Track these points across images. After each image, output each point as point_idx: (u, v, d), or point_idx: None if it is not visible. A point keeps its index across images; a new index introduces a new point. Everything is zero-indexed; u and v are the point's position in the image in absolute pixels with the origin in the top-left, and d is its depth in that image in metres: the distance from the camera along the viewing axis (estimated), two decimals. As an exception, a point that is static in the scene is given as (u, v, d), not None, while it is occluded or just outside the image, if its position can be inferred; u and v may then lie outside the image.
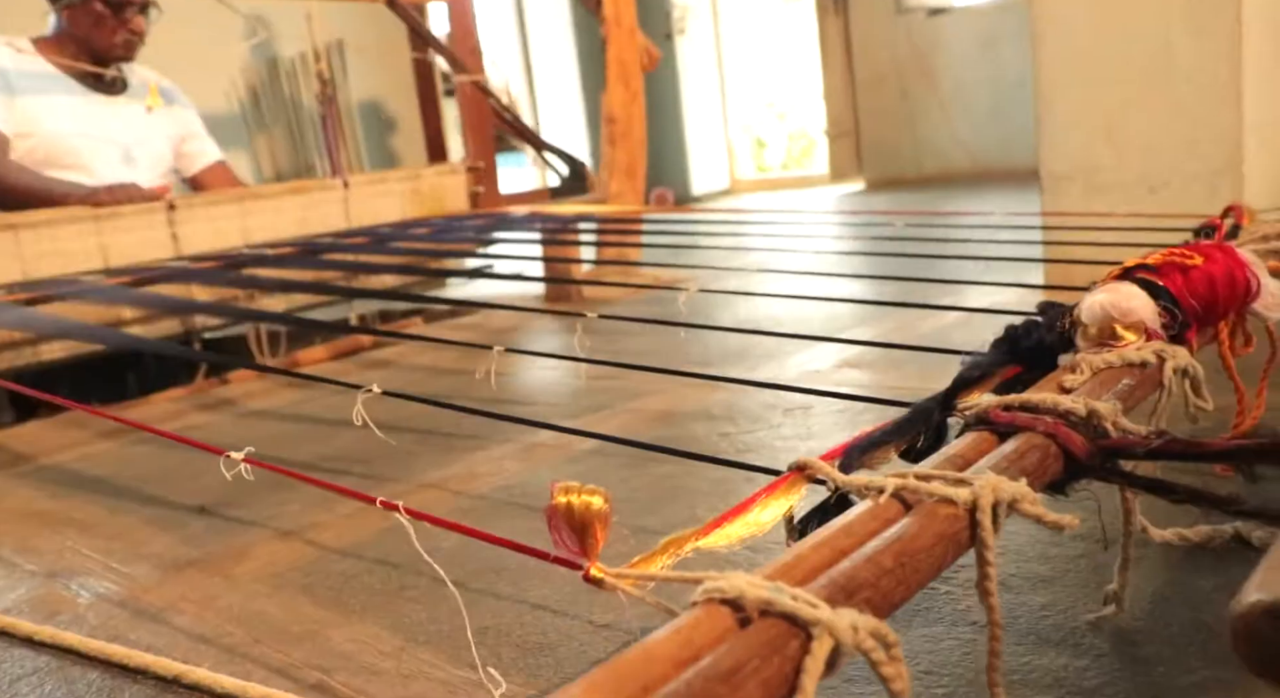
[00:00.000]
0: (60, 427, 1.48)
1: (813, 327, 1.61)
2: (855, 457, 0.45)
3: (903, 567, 0.31)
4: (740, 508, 0.40)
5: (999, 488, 0.35)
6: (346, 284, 1.87)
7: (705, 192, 5.90)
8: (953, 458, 0.41)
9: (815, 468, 0.41)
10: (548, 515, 0.37)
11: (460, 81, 2.23)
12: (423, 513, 0.52)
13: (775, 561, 0.31)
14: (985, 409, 0.45)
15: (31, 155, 1.91)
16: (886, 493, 0.35)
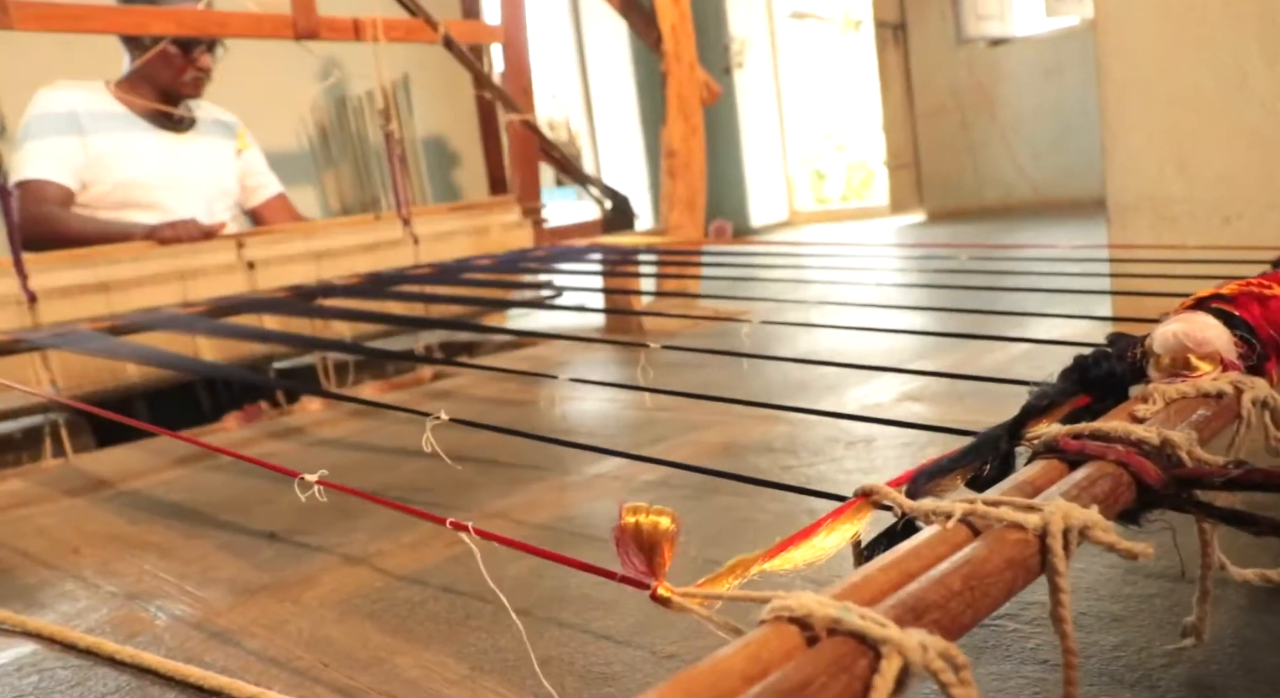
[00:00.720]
0: (137, 453, 1.53)
1: (874, 360, 1.60)
2: (922, 483, 0.45)
3: (971, 590, 0.31)
4: (806, 532, 0.40)
5: (1070, 514, 0.35)
6: (410, 315, 1.90)
7: (764, 223, 5.91)
8: (1021, 485, 0.41)
9: (881, 494, 0.41)
10: (615, 535, 0.38)
11: (511, 120, 2.27)
12: (491, 533, 0.53)
13: (843, 582, 0.31)
14: (1054, 437, 0.45)
15: (108, 197, 1.98)
16: (954, 518, 0.35)
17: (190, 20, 1.81)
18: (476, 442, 1.30)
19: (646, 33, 2.29)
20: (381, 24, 1.98)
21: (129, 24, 1.79)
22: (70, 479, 1.39)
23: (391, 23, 2.02)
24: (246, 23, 1.94)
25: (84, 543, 1.06)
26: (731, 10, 5.66)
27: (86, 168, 1.97)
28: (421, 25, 2.07)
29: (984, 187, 4.90)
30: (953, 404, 1.29)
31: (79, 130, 1.96)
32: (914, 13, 5.00)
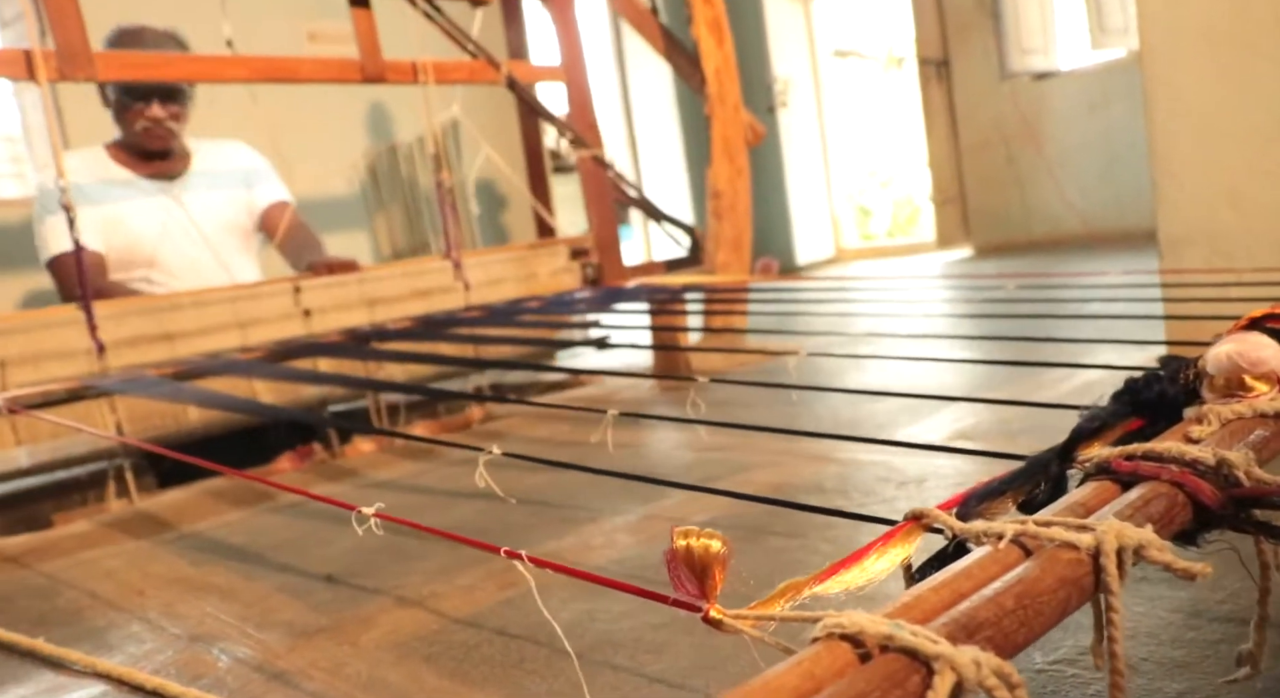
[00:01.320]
0: (198, 495, 1.56)
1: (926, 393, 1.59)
2: (973, 505, 0.45)
3: (1025, 609, 0.31)
4: (857, 556, 0.40)
5: (1123, 533, 0.34)
6: (460, 357, 1.93)
7: (810, 261, 5.90)
8: (1073, 506, 0.41)
9: (932, 516, 0.41)
10: (667, 559, 0.38)
11: (581, 156, 2.30)
12: (544, 561, 0.53)
13: (895, 601, 0.31)
14: (1106, 459, 0.45)
15: (116, 259, 2.05)
16: (1006, 538, 0.35)
17: (260, 66, 1.86)
18: (528, 484, 1.31)
19: (691, 76, 2.33)
20: (444, 67, 2.03)
21: (202, 72, 1.85)
22: (134, 522, 1.42)
23: (453, 65, 2.07)
24: (316, 67, 1.99)
25: (149, 585, 1.09)
26: (774, 51, 5.72)
27: (101, 232, 2.04)
28: (484, 66, 2.11)
29: (1031, 221, 4.86)
30: (1006, 442, 1.28)
31: (86, 200, 2.02)
32: (957, 49, 5.01)
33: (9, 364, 1.50)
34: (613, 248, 2.27)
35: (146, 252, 2.09)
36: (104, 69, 1.65)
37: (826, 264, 5.93)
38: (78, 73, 1.60)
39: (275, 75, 1.90)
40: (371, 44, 1.95)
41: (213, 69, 1.83)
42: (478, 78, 2.12)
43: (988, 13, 4.83)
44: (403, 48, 2.08)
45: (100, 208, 2.06)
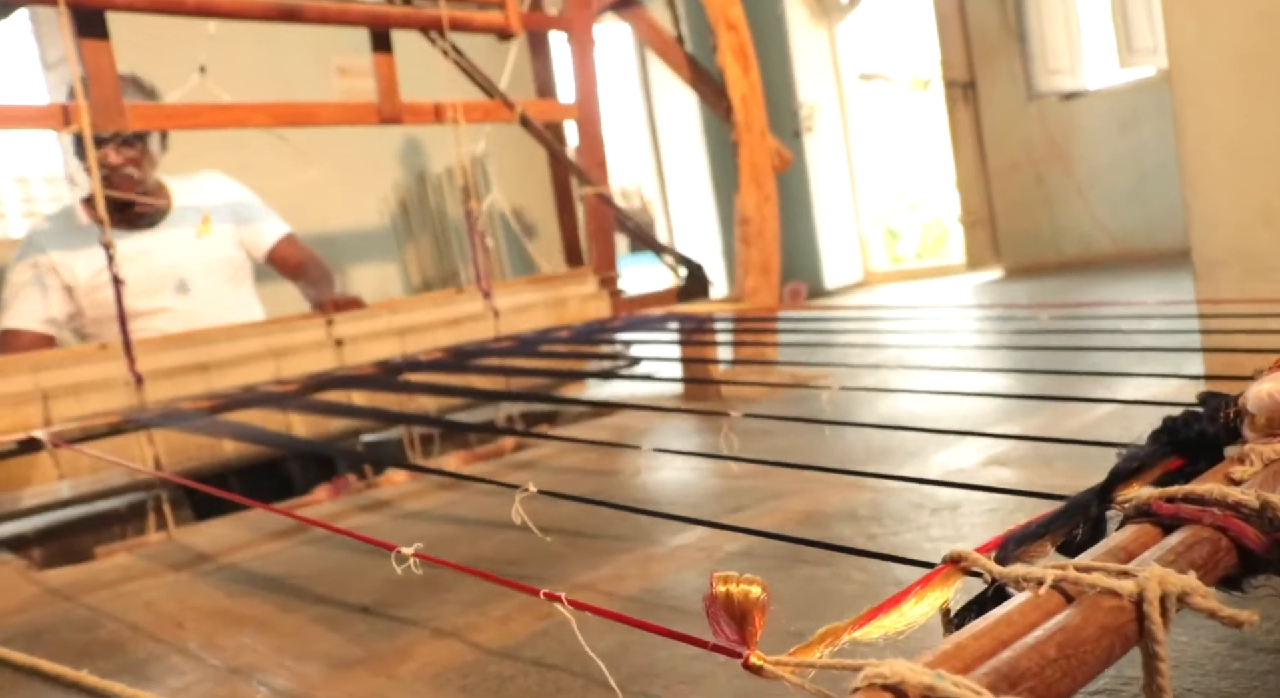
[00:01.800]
0: (234, 527, 1.58)
1: (957, 423, 1.58)
2: (1011, 549, 0.45)
3: (1067, 658, 0.31)
4: (895, 600, 0.41)
5: (1166, 580, 0.34)
6: (491, 388, 1.94)
7: (838, 284, 5.89)
8: (1114, 550, 0.41)
9: (970, 560, 0.41)
10: (706, 604, 0.38)
11: (587, 193, 2.33)
12: (584, 604, 0.54)
13: (935, 649, 0.31)
14: (1146, 501, 0.44)
15: (103, 313, 2.05)
16: (1046, 584, 0.35)
17: (281, 111, 1.91)
18: (561, 513, 1.31)
19: (717, 104, 2.34)
20: (461, 107, 2.06)
21: (226, 119, 1.90)
22: (173, 553, 1.44)
23: (471, 105, 2.10)
24: (335, 111, 2.04)
25: (188, 617, 1.10)
26: (799, 76, 5.74)
27: (72, 301, 2.06)
28: (499, 106, 2.15)
29: (1061, 241, 4.83)
30: (1040, 469, 1.27)
31: (64, 263, 2.05)
32: (983, 71, 5.01)
33: (51, 398, 1.53)
34: (611, 282, 2.30)
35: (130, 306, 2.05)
36: (134, 119, 1.69)
37: (855, 287, 5.92)
38: (109, 124, 1.65)
39: (296, 120, 1.94)
40: (390, 86, 1.98)
41: (236, 116, 1.87)
42: (493, 117, 2.15)
43: (1013, 35, 4.83)
44: (427, 83, 2.11)
45: (74, 270, 2.06)
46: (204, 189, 2.28)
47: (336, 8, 1.91)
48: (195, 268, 2.18)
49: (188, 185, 2.26)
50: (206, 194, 2.27)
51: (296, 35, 3.69)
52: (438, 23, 2.00)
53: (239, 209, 2.29)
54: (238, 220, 2.27)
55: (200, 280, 2.18)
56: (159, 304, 2.13)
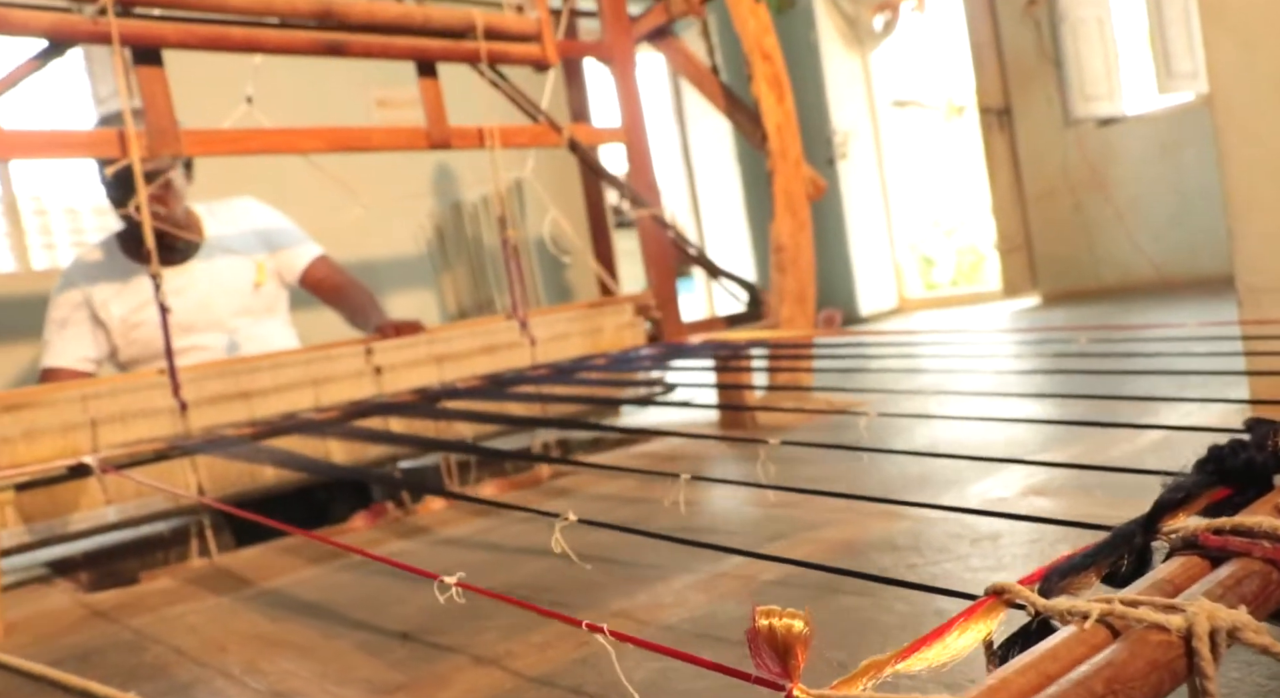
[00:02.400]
0: (274, 553, 1.60)
1: (995, 451, 1.57)
2: (1055, 581, 0.44)
3: (1115, 694, 0.31)
4: (938, 632, 0.40)
5: (1216, 615, 0.34)
6: (528, 415, 1.95)
7: (873, 311, 5.86)
8: (1160, 584, 0.40)
9: (1014, 592, 0.41)
10: (749, 638, 0.38)
11: (640, 216, 2.34)
12: (626, 635, 0.54)
13: (980, 684, 0.31)
14: (1193, 532, 0.44)
15: (144, 349, 2.08)
16: (1092, 618, 0.35)
17: (334, 137, 1.94)
18: (598, 540, 1.31)
19: (752, 132, 2.36)
20: (507, 131, 2.09)
21: (278, 144, 1.94)
22: (215, 578, 1.46)
23: (518, 129, 2.13)
24: (386, 136, 2.07)
25: (231, 641, 1.11)
26: (833, 104, 5.75)
27: (112, 336, 2.09)
28: (546, 130, 2.17)
29: (1101, 267, 4.78)
30: (1081, 497, 1.25)
31: (103, 299, 2.08)
32: (1019, 96, 4.99)
33: (100, 425, 1.56)
34: (671, 305, 2.30)
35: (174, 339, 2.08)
36: (189, 145, 1.73)
37: (890, 314, 5.89)
38: (165, 149, 1.69)
39: (348, 145, 1.97)
40: (438, 111, 2.02)
41: (289, 141, 1.91)
42: (541, 141, 2.18)
43: (1049, 60, 4.81)
44: (469, 110, 2.14)
45: (112, 307, 2.09)
46: (236, 215, 2.29)
47: (380, 42, 1.95)
48: (229, 302, 2.19)
49: (220, 212, 2.27)
50: (238, 221, 2.28)
51: (337, 69, 3.76)
52: (476, 55, 2.03)
53: (270, 236, 2.29)
54: (270, 247, 2.28)
55: (234, 314, 2.20)
56: (193, 341, 2.14)
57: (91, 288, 2.10)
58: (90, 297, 2.10)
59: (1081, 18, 4.74)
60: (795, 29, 5.65)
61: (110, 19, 1.59)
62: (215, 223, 2.24)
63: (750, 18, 2.26)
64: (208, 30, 1.75)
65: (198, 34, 1.74)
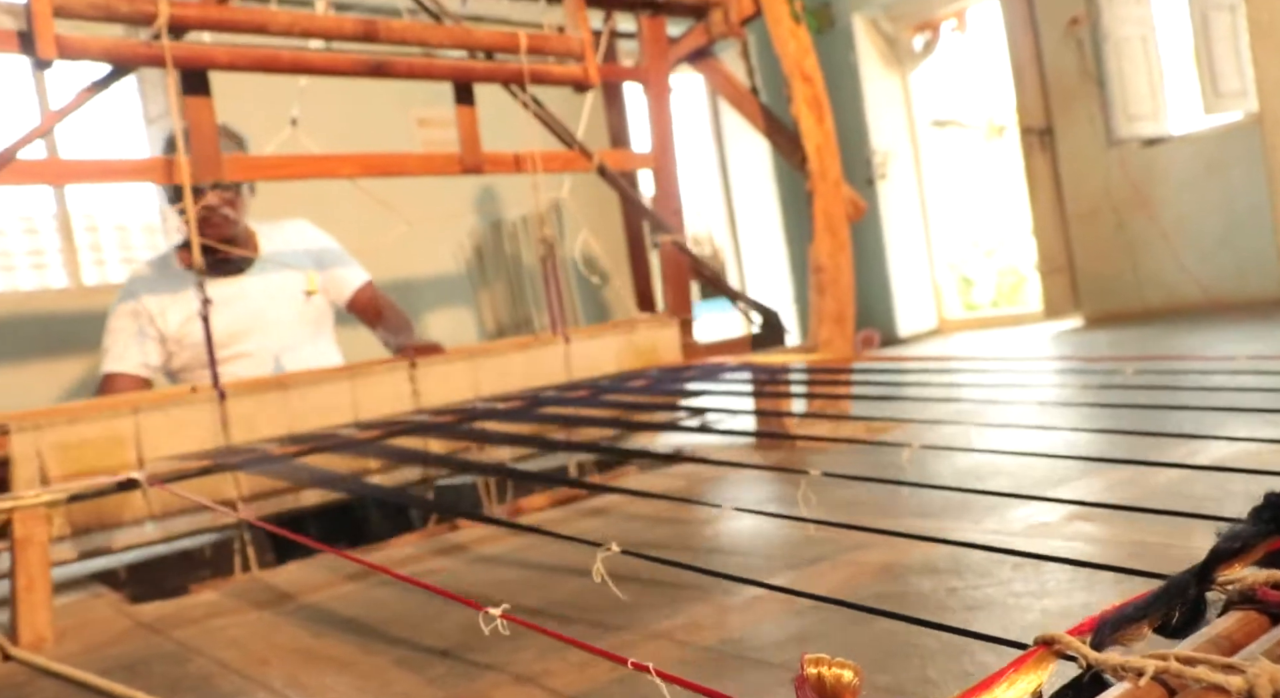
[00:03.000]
0: (313, 568, 1.61)
1: (1037, 477, 1.55)
2: (1107, 632, 0.43)
3: (1171, 746, 0.30)
4: (987, 683, 0.40)
5: (1278, 677, 0.33)
6: (566, 436, 1.96)
7: (912, 332, 5.82)
8: (1217, 640, 0.39)
9: (1064, 643, 0.40)
10: (796, 686, 0.38)
11: (662, 241, 2.35)
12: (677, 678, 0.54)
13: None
14: (1251, 587, 0.43)
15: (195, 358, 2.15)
16: (1147, 675, 0.34)
17: (369, 162, 1.98)
18: (634, 563, 1.31)
19: (791, 153, 2.36)
20: (541, 157, 2.11)
21: (317, 169, 1.98)
22: (256, 592, 1.48)
23: (549, 155, 2.15)
24: (420, 162, 2.11)
25: (273, 655, 1.13)
26: (873, 124, 5.74)
27: (166, 345, 2.15)
28: (577, 156, 2.19)
29: (1145, 289, 4.71)
30: (1125, 525, 1.23)
31: (159, 309, 2.14)
32: (1060, 116, 4.95)
33: (145, 440, 1.59)
34: (686, 328, 2.31)
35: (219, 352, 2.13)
36: (230, 171, 1.77)
37: (929, 335, 5.84)
38: (208, 175, 1.73)
39: (383, 170, 2.01)
40: (472, 137, 2.04)
41: (326, 166, 1.95)
42: (572, 167, 2.20)
43: (1092, 80, 4.77)
44: (506, 132, 2.17)
45: (167, 316, 2.16)
46: (290, 236, 2.37)
47: (423, 63, 1.98)
48: (279, 315, 2.25)
49: (275, 232, 2.35)
50: (292, 241, 2.36)
51: (378, 89, 3.82)
52: (519, 76, 2.06)
53: (322, 256, 2.37)
54: (320, 267, 2.35)
55: (284, 327, 2.25)
56: (242, 349, 2.21)
57: (150, 297, 2.18)
58: (148, 306, 2.17)
59: (1125, 36, 4.69)
60: (834, 49, 5.65)
61: (164, 42, 1.63)
62: (270, 240, 2.33)
63: (790, 39, 2.27)
64: (256, 52, 1.79)
65: (247, 56, 1.78)
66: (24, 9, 1.50)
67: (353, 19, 1.85)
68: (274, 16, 1.75)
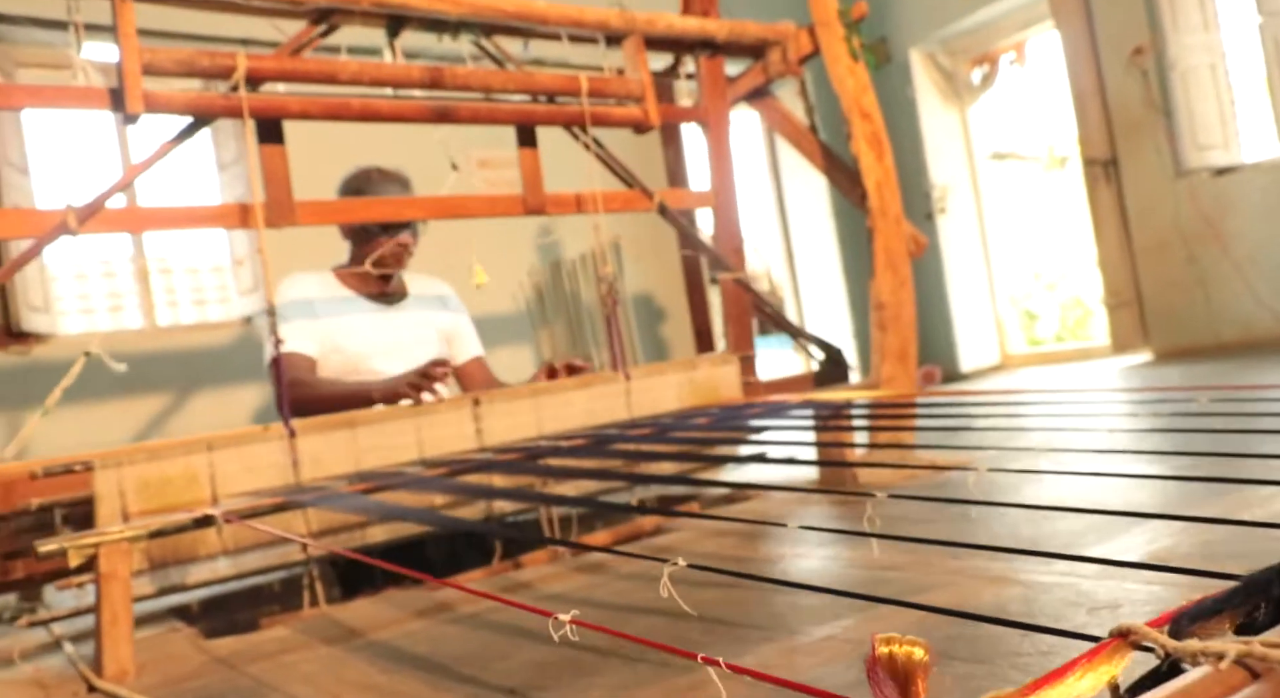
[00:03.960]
0: (381, 604, 1.63)
1: (1112, 511, 1.51)
2: (1185, 624, 0.42)
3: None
4: (1060, 673, 0.39)
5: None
6: (630, 471, 1.96)
7: (974, 368, 5.73)
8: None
9: (1141, 634, 0.39)
10: (868, 667, 0.38)
11: (723, 279, 2.36)
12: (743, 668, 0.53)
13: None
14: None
15: (337, 368, 2.27)
16: (1228, 659, 0.34)
17: (435, 205, 2.03)
18: (700, 599, 1.31)
19: (851, 190, 2.36)
20: (602, 197, 2.14)
21: (384, 212, 2.03)
22: (325, 628, 1.50)
23: (610, 195, 2.18)
24: (484, 204, 2.15)
25: (344, 691, 1.14)
26: (931, 158, 5.71)
27: (321, 343, 2.26)
28: (638, 195, 2.22)
29: (1218, 323, 4.58)
30: (1207, 565, 1.19)
31: (314, 314, 2.27)
32: (1125, 147, 4.87)
33: (221, 478, 1.63)
34: (749, 365, 2.31)
35: (358, 364, 2.27)
36: (304, 216, 1.83)
37: (991, 371, 5.75)
38: (282, 220, 1.79)
39: (449, 212, 2.06)
40: (535, 179, 2.08)
41: (394, 209, 2.00)
42: (633, 206, 2.23)
43: (1158, 110, 4.70)
44: (565, 173, 2.21)
45: (322, 321, 2.29)
46: (433, 290, 2.53)
47: (487, 107, 2.03)
48: (420, 349, 2.38)
49: (422, 283, 2.52)
50: (434, 294, 2.52)
51: (440, 131, 3.92)
52: (580, 119, 2.10)
53: (454, 321, 2.53)
54: (449, 324, 2.51)
55: (414, 358, 2.36)
56: (380, 370, 2.30)
57: (315, 294, 2.31)
58: (312, 298, 2.30)
59: (1192, 65, 4.62)
60: (892, 84, 5.65)
61: (242, 94, 1.69)
62: (416, 288, 2.48)
63: (848, 77, 2.28)
64: (327, 101, 1.85)
65: (319, 105, 1.84)
66: (115, 67, 1.57)
67: (419, 67, 1.91)
68: (344, 66, 1.81)
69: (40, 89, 1.62)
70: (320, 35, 1.87)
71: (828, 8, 2.31)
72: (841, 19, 2.29)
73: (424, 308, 2.46)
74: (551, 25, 2.08)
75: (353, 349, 2.29)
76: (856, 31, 2.29)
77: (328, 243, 2.54)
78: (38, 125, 4.24)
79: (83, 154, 5.14)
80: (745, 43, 2.39)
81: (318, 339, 2.27)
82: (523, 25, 2.08)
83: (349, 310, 2.33)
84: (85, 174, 5.40)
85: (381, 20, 1.92)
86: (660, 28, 2.23)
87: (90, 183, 1.55)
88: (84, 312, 5.12)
